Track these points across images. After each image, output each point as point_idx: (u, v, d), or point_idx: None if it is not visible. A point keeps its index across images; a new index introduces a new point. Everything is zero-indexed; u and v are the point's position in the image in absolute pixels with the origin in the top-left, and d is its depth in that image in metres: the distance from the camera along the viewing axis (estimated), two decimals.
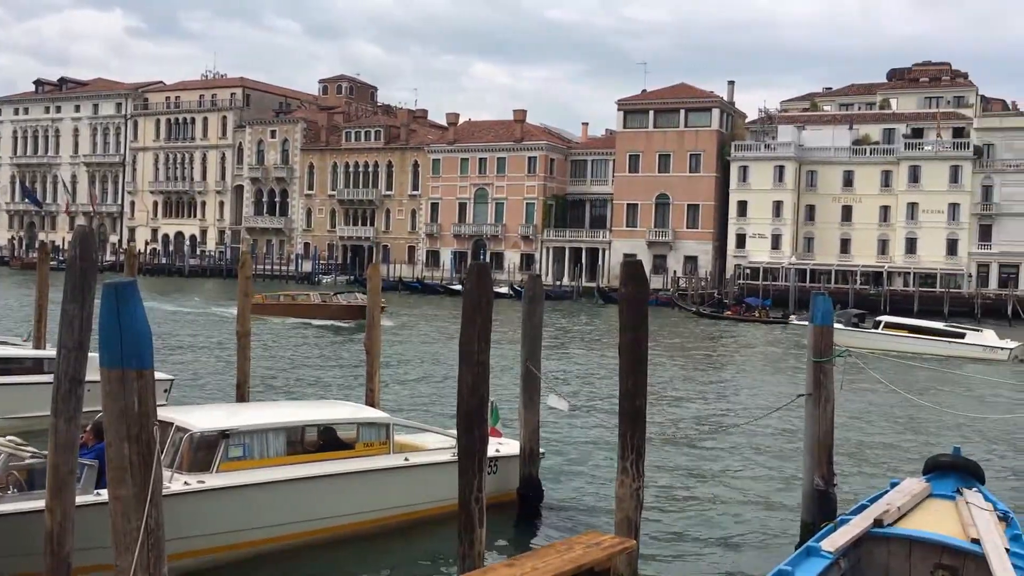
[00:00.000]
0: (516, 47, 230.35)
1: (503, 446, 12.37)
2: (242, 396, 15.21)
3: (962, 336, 35.11)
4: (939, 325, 37.48)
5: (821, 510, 10.35)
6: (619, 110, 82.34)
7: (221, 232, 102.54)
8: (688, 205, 79.27)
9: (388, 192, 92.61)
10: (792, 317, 52.50)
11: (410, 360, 28.57)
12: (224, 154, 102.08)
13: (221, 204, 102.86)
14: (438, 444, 11.87)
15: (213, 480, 9.33)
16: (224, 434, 9.61)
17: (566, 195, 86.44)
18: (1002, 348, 33.86)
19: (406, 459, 11.11)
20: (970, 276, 70.71)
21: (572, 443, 16.15)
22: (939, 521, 8.21)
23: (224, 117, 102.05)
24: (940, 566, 7.70)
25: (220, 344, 30.01)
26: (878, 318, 39.43)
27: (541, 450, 12.41)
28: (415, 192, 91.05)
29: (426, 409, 19.14)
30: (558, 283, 77.69)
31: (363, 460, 10.75)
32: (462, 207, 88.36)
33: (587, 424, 17.65)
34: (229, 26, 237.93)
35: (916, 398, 15.80)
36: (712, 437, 17.25)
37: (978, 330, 36.82)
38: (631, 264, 9.48)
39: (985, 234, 71.76)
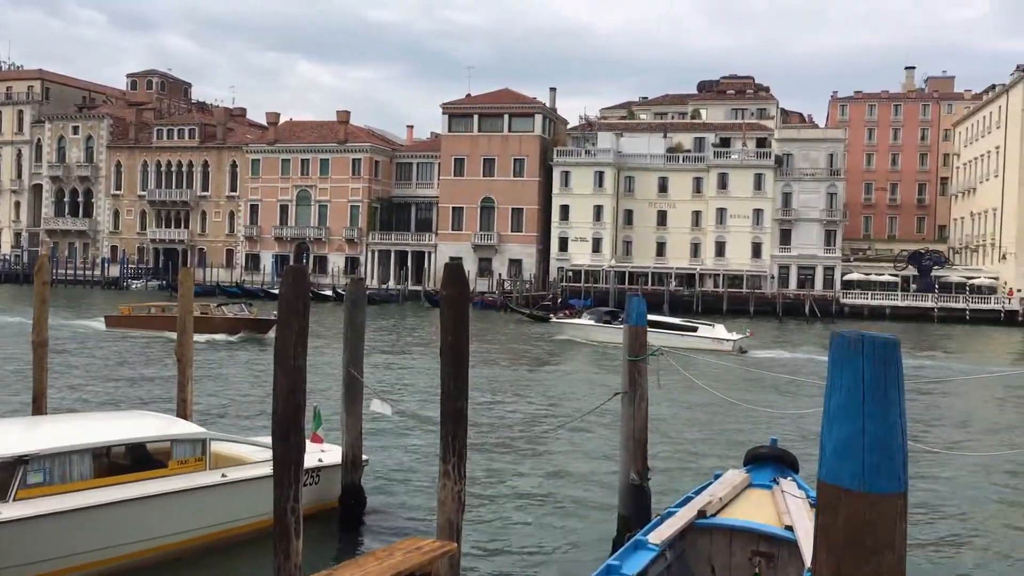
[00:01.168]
0: (339, 47, 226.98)
1: (325, 454, 12.03)
2: (38, 410, 14.13)
3: (695, 330, 39.35)
4: (677, 320, 41.13)
5: (636, 505, 10.63)
6: (444, 113, 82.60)
7: (17, 234, 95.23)
8: (513, 209, 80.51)
9: (204, 193, 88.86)
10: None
11: (237, 367, 27.43)
12: (21, 151, 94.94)
13: (17, 204, 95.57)
14: (261, 457, 11.38)
15: (10, 511, 8.55)
16: (22, 459, 8.81)
17: (391, 198, 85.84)
18: (727, 340, 37.89)
19: (224, 475, 10.58)
20: (773, 277, 75.50)
21: (397, 448, 15.95)
22: (757, 510, 8.59)
23: (20, 111, 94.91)
24: (757, 553, 8.03)
25: (11, 357, 27.71)
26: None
27: (364, 457, 12.16)
28: (233, 193, 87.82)
29: (262, 420, 18.38)
30: (384, 286, 77.01)
31: (177, 479, 10.15)
32: (283, 209, 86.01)
33: (412, 428, 17.49)
34: (25, 15, 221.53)
35: (724, 395, 16.59)
36: (535, 437, 17.48)
37: (711, 325, 40.77)
38: (452, 267, 9.41)
39: (785, 238, 76.84)
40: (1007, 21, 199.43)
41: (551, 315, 59.53)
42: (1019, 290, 70.68)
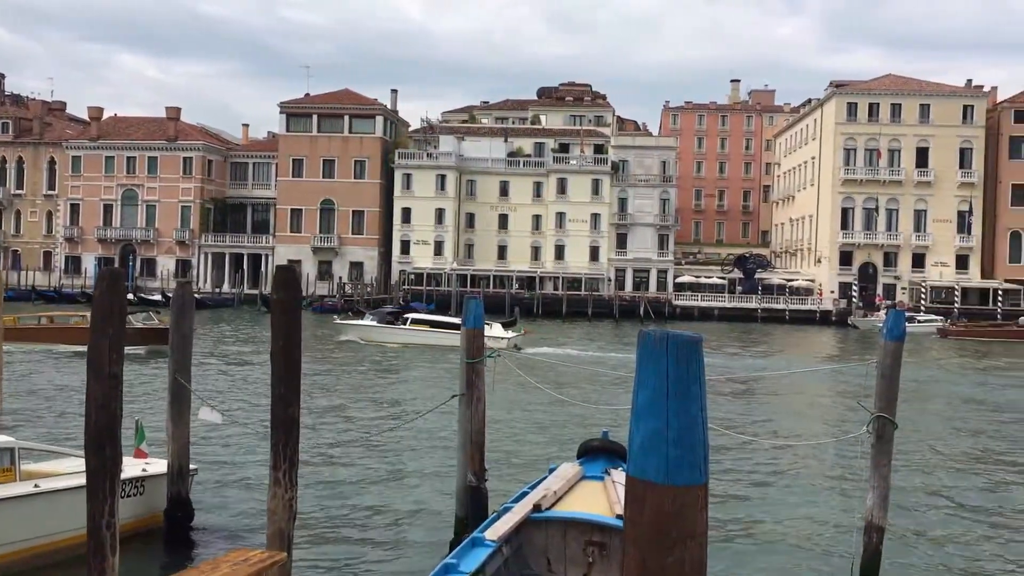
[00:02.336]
0: (166, 39, 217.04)
1: (151, 465, 11.49)
2: None
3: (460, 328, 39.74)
4: (455, 320, 41.71)
5: (474, 505, 10.71)
6: (282, 113, 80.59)
7: None
8: (353, 211, 79.46)
9: (18, 191, 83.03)
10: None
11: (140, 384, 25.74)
12: None
13: None
14: (77, 468, 10.72)
15: None
16: None
17: (226, 199, 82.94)
18: (502, 338, 38.92)
19: (36, 486, 9.91)
20: (610, 280, 77.82)
21: (227, 457, 15.41)
22: (590, 501, 8.81)
23: None
24: (590, 543, 8.23)
25: None
26: (406, 315, 44.37)
27: (192, 467, 11.69)
28: (51, 192, 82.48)
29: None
30: (217, 290, 74.29)
31: None
32: (108, 209, 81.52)
33: (243, 437, 16.93)
34: None
35: (557, 393, 16.96)
36: (370, 442, 17.29)
37: (488, 324, 41.55)
38: (283, 269, 9.20)
39: (621, 242, 79.38)
40: (823, 41, 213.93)
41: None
42: (832, 291, 75.83)
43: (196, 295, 48.44)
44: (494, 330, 40.30)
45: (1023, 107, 76.36)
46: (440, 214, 78.63)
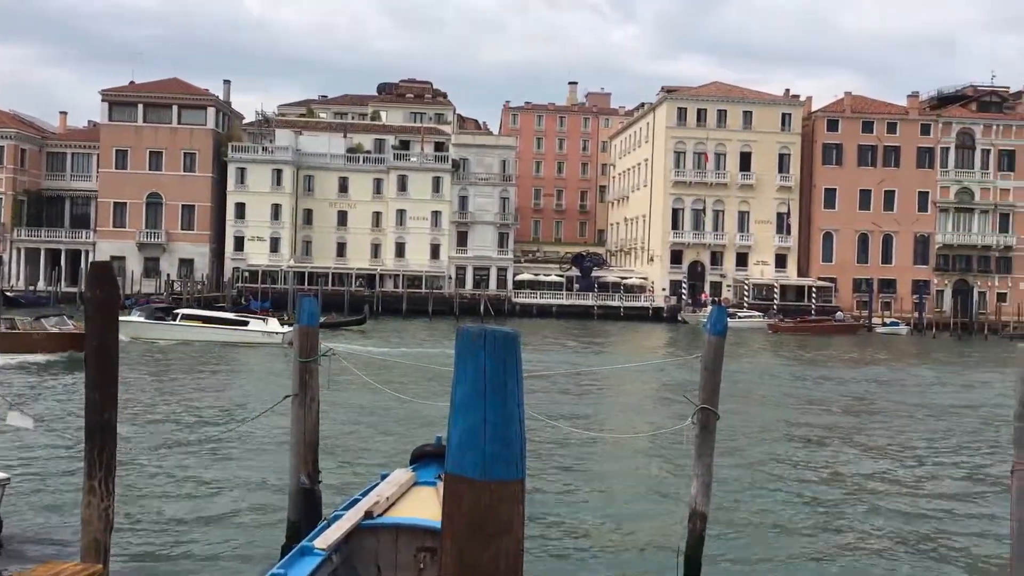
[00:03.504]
0: None
1: None
2: None
3: (246, 324, 39.93)
4: (228, 315, 41.58)
5: (307, 508, 10.46)
6: (104, 101, 76.19)
7: None
8: (183, 206, 76.12)
9: None
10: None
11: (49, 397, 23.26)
12: None
13: None
14: None
15: None
16: None
17: (41, 191, 77.61)
18: (276, 333, 38.95)
19: None
20: (450, 278, 78.03)
21: (40, 465, 14.41)
22: (423, 507, 8.75)
23: None
24: (422, 549, 8.18)
25: None
26: (176, 311, 43.43)
27: (2, 475, 10.87)
28: None
29: None
30: (32, 288, 69.41)
31: None
32: None
33: (58, 443, 15.89)
34: None
35: (396, 393, 16.84)
36: (198, 444, 16.63)
37: (262, 319, 41.59)
38: (98, 265, 8.70)
39: (462, 240, 79.73)
40: (655, 47, 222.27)
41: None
42: (663, 289, 78.94)
43: (8, 293, 45.30)
44: (270, 325, 39.68)
45: (835, 116, 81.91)
46: (276, 210, 76.54)
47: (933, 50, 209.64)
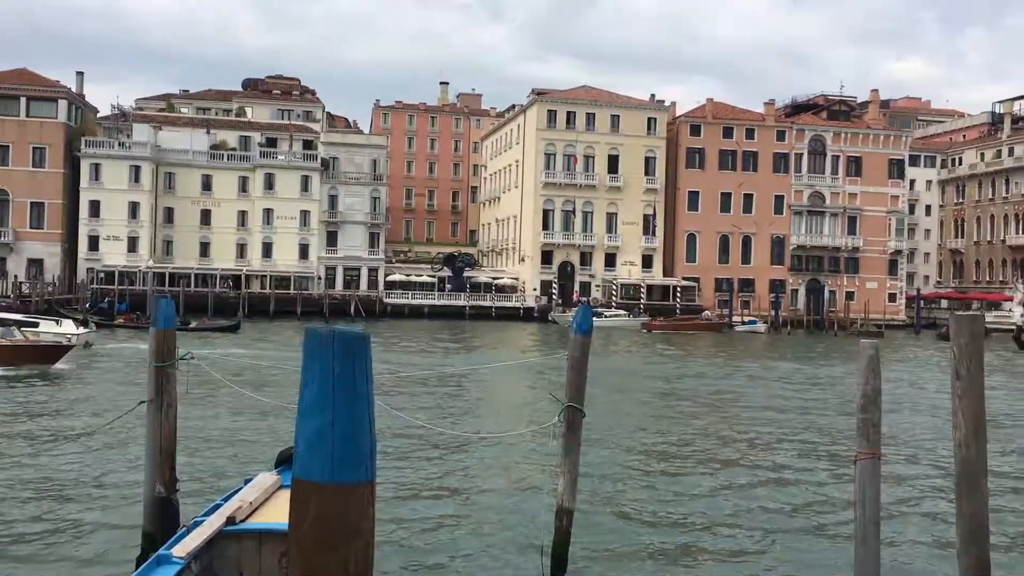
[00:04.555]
0: None
1: None
2: None
3: (36, 325, 37.24)
4: (15, 316, 38.66)
5: (164, 518, 10.04)
6: None
7: None
8: (32, 203, 71.88)
9: None
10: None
11: None
12: None
13: None
14: None
15: None
16: None
17: None
18: (71, 335, 36.90)
19: None
20: (319, 278, 76.63)
21: None
22: (287, 511, 8.47)
23: None
24: (287, 554, 7.94)
25: None
26: None
27: None
28: None
29: None
30: None
31: None
32: None
33: None
34: None
35: (260, 397, 16.39)
36: (37, 456, 15.73)
37: (55, 320, 39.97)
38: None
39: (332, 240, 78.43)
40: (525, 49, 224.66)
41: (116, 320, 54.62)
42: (534, 289, 79.86)
43: None
44: (64, 327, 37.67)
45: (697, 121, 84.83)
46: (134, 208, 73.32)
47: (787, 60, 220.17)
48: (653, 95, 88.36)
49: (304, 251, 77.16)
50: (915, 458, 18.14)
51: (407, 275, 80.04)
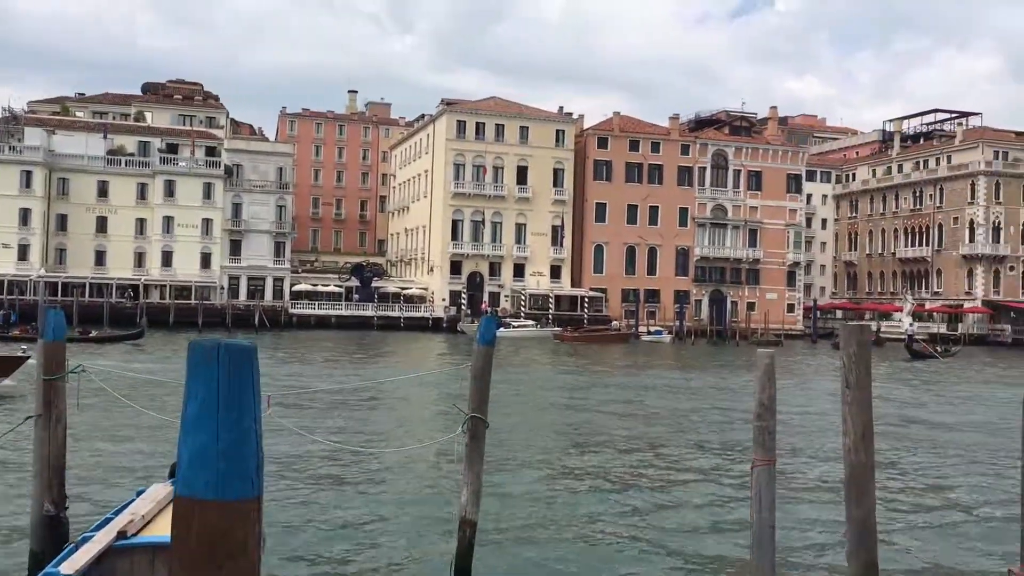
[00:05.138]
0: None
1: None
2: None
3: None
4: None
5: (53, 536, 9.63)
6: None
7: None
8: None
9: None
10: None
11: None
12: None
13: None
14: None
15: None
16: None
17: None
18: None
19: None
20: (222, 288, 74.85)
21: None
22: None
23: None
24: None
25: None
26: None
27: None
28: None
29: None
30: None
31: None
32: None
33: None
34: None
35: (151, 412, 15.89)
36: None
37: None
38: None
39: (235, 249, 76.76)
40: (434, 59, 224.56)
41: (12, 332, 51.95)
42: (443, 299, 79.69)
43: None
44: None
45: (605, 134, 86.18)
46: (25, 215, 70.38)
47: (691, 76, 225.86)
48: (561, 107, 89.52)
49: (206, 260, 75.30)
50: (809, 464, 18.72)
51: (314, 285, 78.86)
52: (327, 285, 79.08)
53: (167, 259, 74.28)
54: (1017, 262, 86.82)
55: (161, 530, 8.16)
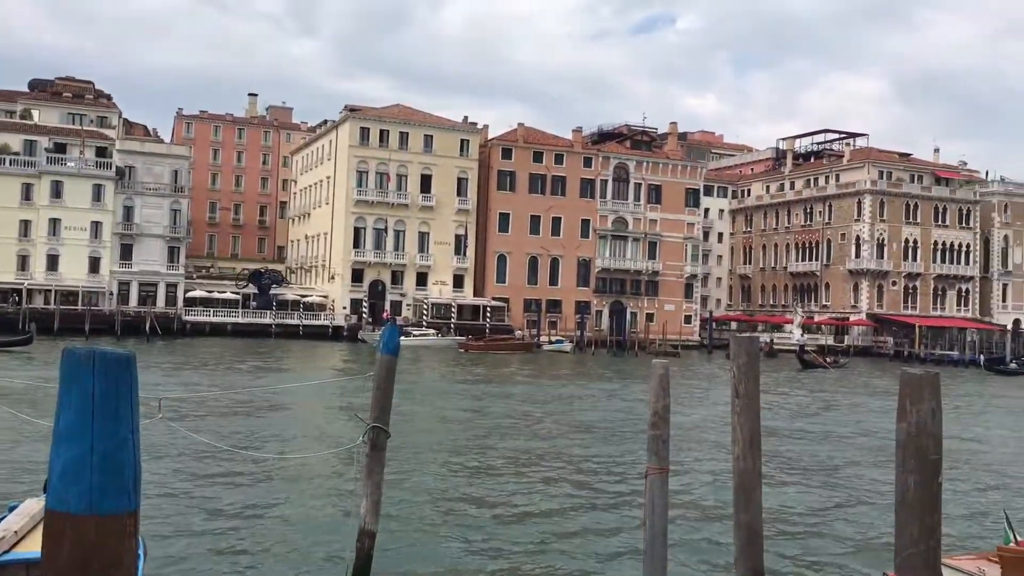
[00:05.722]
0: None
1: None
2: None
3: None
4: None
5: None
6: None
7: None
8: None
9: None
10: None
11: None
12: None
13: None
14: None
15: None
16: None
17: None
18: None
19: None
20: (112, 294, 72.15)
21: None
22: None
23: None
24: None
25: None
26: None
27: None
28: None
29: None
30: None
31: None
32: None
33: None
34: None
35: (36, 419, 15.20)
36: None
37: None
38: None
39: (127, 253, 74.13)
40: (337, 65, 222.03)
41: None
42: (344, 307, 78.66)
43: None
44: None
45: (509, 145, 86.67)
46: None
47: (593, 90, 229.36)
48: (466, 117, 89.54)
49: (95, 265, 72.51)
50: (702, 472, 19.18)
51: (209, 291, 76.68)
52: (224, 292, 77.02)
53: (53, 263, 71.21)
54: (899, 277, 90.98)
55: (35, 546, 7.82)
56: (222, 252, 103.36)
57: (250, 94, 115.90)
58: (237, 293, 76.52)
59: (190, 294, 75.00)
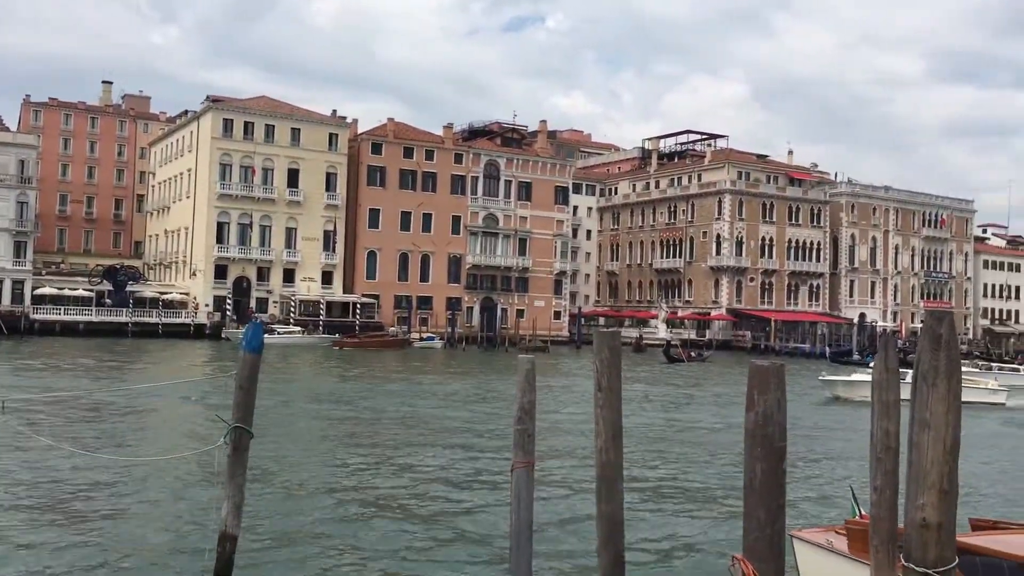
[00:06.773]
0: None
1: None
2: None
3: None
4: None
5: None
6: None
7: None
8: None
9: None
10: None
11: None
12: None
13: None
14: None
15: None
16: None
17: None
18: None
19: None
20: None
21: None
22: None
23: None
24: None
25: None
26: None
27: None
28: None
29: None
30: None
31: None
32: None
33: None
34: None
35: None
36: None
37: None
38: None
39: None
40: (200, 54, 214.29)
41: None
42: (207, 305, 76.12)
43: None
44: None
45: (379, 140, 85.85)
46: None
47: (463, 87, 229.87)
48: (335, 111, 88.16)
49: None
50: (567, 465, 19.55)
51: (59, 288, 72.72)
52: (75, 289, 73.19)
53: None
54: (756, 274, 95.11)
55: None
56: (73, 247, 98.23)
57: (104, 81, 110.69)
58: (90, 290, 72.91)
59: (38, 291, 71.02)
